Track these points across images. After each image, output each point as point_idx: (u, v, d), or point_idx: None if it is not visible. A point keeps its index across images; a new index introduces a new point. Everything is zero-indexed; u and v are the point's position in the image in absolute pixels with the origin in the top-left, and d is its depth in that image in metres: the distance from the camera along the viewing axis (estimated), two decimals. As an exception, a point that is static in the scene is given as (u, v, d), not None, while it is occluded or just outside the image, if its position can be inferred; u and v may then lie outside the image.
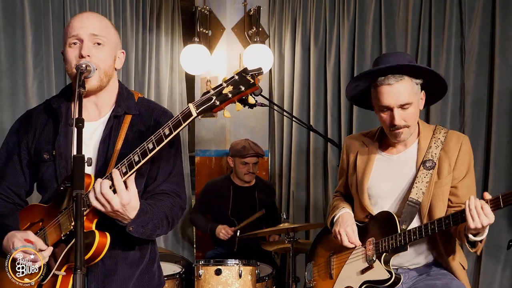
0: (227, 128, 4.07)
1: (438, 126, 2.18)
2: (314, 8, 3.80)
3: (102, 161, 1.67)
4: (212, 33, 4.12)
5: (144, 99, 1.83)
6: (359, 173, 2.22)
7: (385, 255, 2.07)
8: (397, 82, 2.00)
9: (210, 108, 1.46)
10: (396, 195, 2.13)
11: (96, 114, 1.74)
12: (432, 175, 2.05)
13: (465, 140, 2.10)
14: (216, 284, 2.78)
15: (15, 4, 2.86)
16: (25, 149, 1.77)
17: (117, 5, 3.53)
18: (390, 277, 2.04)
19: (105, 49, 1.67)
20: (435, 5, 3.21)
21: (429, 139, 2.11)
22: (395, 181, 2.14)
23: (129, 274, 1.72)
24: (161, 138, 1.50)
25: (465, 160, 2.08)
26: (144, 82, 3.79)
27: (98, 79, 1.66)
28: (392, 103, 2.01)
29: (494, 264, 3.04)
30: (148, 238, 1.63)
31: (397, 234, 2.03)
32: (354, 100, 2.31)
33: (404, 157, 2.16)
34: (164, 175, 1.73)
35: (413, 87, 2.04)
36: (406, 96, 2.01)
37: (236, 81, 1.45)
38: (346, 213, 2.26)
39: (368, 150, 2.23)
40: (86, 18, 1.67)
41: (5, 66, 2.83)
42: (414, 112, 2.05)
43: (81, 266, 1.23)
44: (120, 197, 1.48)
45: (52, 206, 1.69)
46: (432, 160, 2.06)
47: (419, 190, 2.05)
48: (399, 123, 2.02)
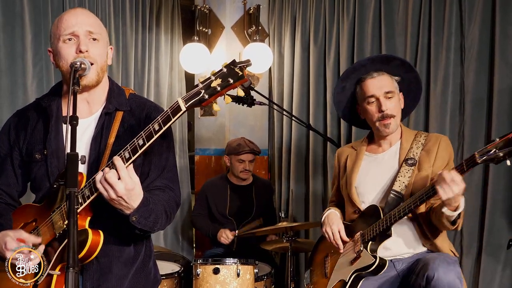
0: (226, 127, 4.07)
1: (419, 131, 2.38)
2: (313, 6, 3.79)
3: (94, 158, 1.66)
4: (211, 31, 4.11)
5: (135, 95, 1.82)
6: (348, 171, 2.42)
7: (371, 243, 2.19)
8: (379, 76, 2.30)
9: (199, 102, 1.46)
10: (380, 188, 2.29)
11: (87, 111, 1.74)
12: (414, 171, 2.21)
13: (443, 138, 2.28)
14: (214, 283, 2.78)
15: (14, 3, 2.86)
16: (17, 149, 1.77)
17: (116, 4, 3.53)
18: (374, 261, 2.14)
19: (100, 44, 1.67)
20: (434, 3, 3.20)
21: (411, 141, 2.31)
22: (379, 176, 2.31)
23: (124, 272, 1.72)
24: (151, 133, 1.49)
25: (445, 155, 2.24)
26: (144, 81, 3.79)
27: (95, 73, 1.66)
28: (377, 92, 2.27)
29: (494, 264, 3.02)
30: (149, 230, 1.61)
31: (379, 220, 2.15)
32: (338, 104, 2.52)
33: (388, 155, 2.35)
34: (158, 171, 1.72)
35: (392, 82, 2.31)
36: (389, 86, 2.28)
37: (225, 74, 1.44)
38: (331, 212, 2.43)
39: (357, 152, 2.44)
40: (80, 14, 1.66)
41: (5, 65, 2.83)
42: (397, 104, 2.29)
43: (74, 264, 1.22)
44: (124, 183, 1.47)
45: (45, 205, 1.69)
46: (414, 158, 2.24)
47: (402, 183, 2.20)
48: (386, 108, 2.24)
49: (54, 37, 1.67)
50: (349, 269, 2.24)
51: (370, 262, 2.15)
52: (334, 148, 3.62)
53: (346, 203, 2.42)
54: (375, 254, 2.16)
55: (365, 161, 2.39)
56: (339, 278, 2.28)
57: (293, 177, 3.96)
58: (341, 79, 2.46)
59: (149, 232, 1.65)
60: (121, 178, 1.47)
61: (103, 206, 1.64)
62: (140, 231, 1.60)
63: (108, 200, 1.51)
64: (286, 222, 3.09)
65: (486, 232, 3.01)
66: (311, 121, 3.79)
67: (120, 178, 1.47)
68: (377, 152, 2.38)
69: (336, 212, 2.43)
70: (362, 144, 2.45)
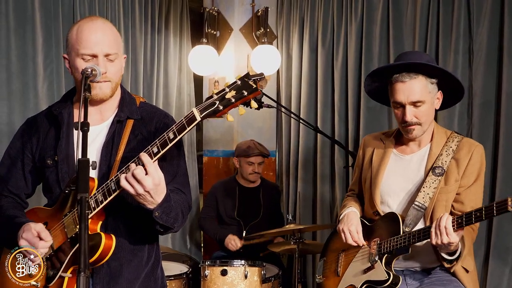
0: (234, 129, 4.09)
1: (454, 133, 2.18)
2: (321, 8, 3.80)
3: (106, 165, 1.70)
4: (220, 34, 4.14)
5: (146, 104, 1.87)
6: (374, 168, 2.26)
7: (387, 256, 2.10)
8: (410, 80, 2.04)
9: (213, 113, 1.49)
10: (403, 195, 2.16)
11: (98, 118, 1.78)
12: (440, 182, 2.06)
13: (477, 149, 2.09)
14: (222, 284, 2.80)
15: (26, 7, 2.90)
16: (29, 155, 1.82)
17: (126, 6, 3.56)
18: (387, 278, 2.06)
19: (116, 62, 1.71)
20: (443, 6, 3.20)
21: (442, 146, 2.13)
22: (403, 181, 2.17)
23: (134, 276, 1.75)
24: (165, 142, 1.53)
25: (475, 169, 2.08)
26: (153, 83, 3.82)
27: (110, 90, 1.71)
28: (403, 100, 2.06)
29: (501, 267, 3.02)
30: (170, 227, 1.64)
31: (399, 236, 2.05)
32: (371, 94, 2.34)
33: (416, 158, 2.18)
34: (169, 176, 1.75)
35: (426, 86, 2.07)
36: (418, 94, 2.04)
37: (239, 86, 1.48)
38: (351, 212, 2.29)
39: (385, 146, 2.27)
40: (100, 32, 1.67)
41: (16, 68, 2.88)
42: (426, 110, 2.08)
43: (85, 269, 1.26)
44: (152, 178, 1.50)
45: (56, 209, 1.72)
46: (442, 167, 2.07)
47: (426, 194, 2.06)
48: (409, 119, 2.06)
49: (71, 48, 1.70)
50: (361, 277, 2.16)
51: (383, 278, 2.07)
52: (342, 151, 3.64)
53: (366, 200, 2.30)
54: (388, 271, 2.07)
55: (392, 160, 2.22)
56: (350, 283, 2.23)
57: (300, 179, 3.97)
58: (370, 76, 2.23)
59: (169, 230, 1.67)
60: (148, 173, 1.51)
61: (117, 210, 1.68)
62: (161, 227, 1.64)
63: (133, 195, 1.54)
64: (294, 225, 3.10)
65: (494, 235, 3.02)
66: (319, 123, 3.80)
67: (147, 174, 1.50)
68: (405, 153, 2.21)
69: (356, 212, 2.30)
70: (391, 139, 2.26)
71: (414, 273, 2.17)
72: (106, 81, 1.69)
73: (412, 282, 2.15)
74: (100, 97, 1.70)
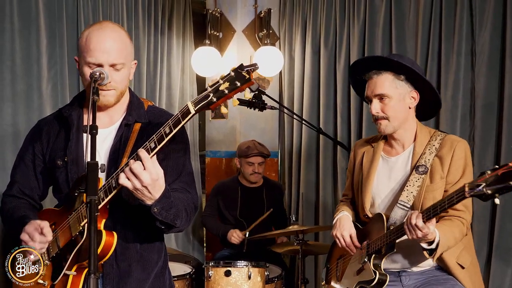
0: (237, 130, 4.10)
1: (437, 131, 2.21)
2: (324, 10, 3.81)
3: (113, 167, 1.71)
4: (223, 35, 4.15)
5: (153, 107, 1.89)
6: (364, 172, 2.30)
7: (374, 256, 2.13)
8: (378, 76, 2.15)
9: (207, 105, 1.50)
10: (390, 196, 2.20)
11: (107, 121, 1.80)
12: (424, 180, 2.08)
13: (459, 144, 2.10)
14: (225, 285, 2.82)
15: (30, 8, 2.91)
16: (40, 156, 1.85)
17: (129, 8, 3.57)
18: (374, 277, 2.08)
19: (122, 71, 1.73)
20: (445, 8, 3.20)
21: (425, 145, 2.15)
22: (390, 183, 2.21)
23: (144, 276, 1.77)
24: (162, 136, 1.53)
25: (459, 165, 2.08)
26: (156, 84, 3.83)
27: (115, 98, 1.74)
28: (369, 94, 2.18)
29: (503, 267, 3.03)
30: (171, 224, 1.64)
31: (382, 234, 2.09)
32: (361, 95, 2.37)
33: (401, 159, 2.22)
34: (174, 175, 1.76)
35: (393, 81, 2.13)
36: (381, 88, 2.13)
37: (232, 77, 1.48)
38: (343, 216, 2.32)
39: (374, 151, 2.31)
40: (109, 43, 1.68)
41: (21, 69, 2.89)
42: (394, 106, 2.12)
43: (95, 271, 1.27)
44: (149, 173, 1.51)
45: (64, 209, 1.76)
46: (425, 165, 2.10)
47: (410, 193, 2.09)
48: (374, 112, 2.15)
49: (80, 52, 1.72)
50: (354, 279, 2.21)
51: (371, 277, 2.10)
52: (344, 152, 3.64)
53: (357, 203, 2.34)
54: (375, 270, 2.10)
55: (380, 163, 2.26)
56: (346, 286, 2.27)
57: (303, 180, 3.98)
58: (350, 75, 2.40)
59: (171, 227, 1.67)
60: (146, 169, 1.51)
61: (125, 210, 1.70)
62: (161, 224, 1.63)
63: (131, 191, 1.54)
64: (297, 226, 3.11)
65: (496, 236, 3.02)
66: (321, 124, 3.81)
67: (145, 169, 1.51)
68: (391, 155, 2.25)
69: (348, 216, 2.33)
70: (379, 143, 2.30)
71: (410, 274, 2.18)
72: (110, 90, 1.70)
73: (408, 283, 2.17)
74: (104, 104, 1.72)
